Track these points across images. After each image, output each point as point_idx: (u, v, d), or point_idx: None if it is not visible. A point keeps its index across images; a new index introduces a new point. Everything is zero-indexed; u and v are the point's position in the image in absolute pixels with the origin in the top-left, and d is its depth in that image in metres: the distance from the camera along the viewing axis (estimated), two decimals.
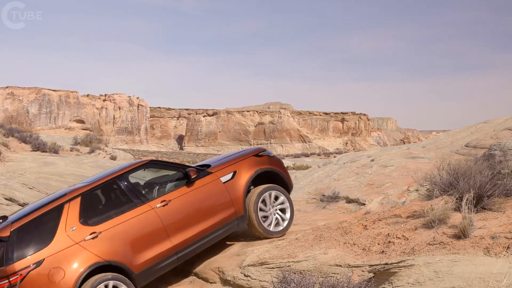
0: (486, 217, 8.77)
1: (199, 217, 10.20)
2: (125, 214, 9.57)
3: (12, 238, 8.75)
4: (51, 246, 8.88)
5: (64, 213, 9.19)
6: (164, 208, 9.85)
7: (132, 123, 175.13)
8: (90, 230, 9.20)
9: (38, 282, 8.64)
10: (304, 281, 7.26)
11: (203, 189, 10.38)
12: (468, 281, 6.80)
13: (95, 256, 9.01)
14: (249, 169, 10.95)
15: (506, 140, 12.46)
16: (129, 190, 9.88)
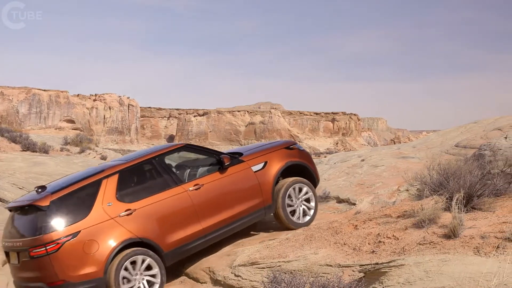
0: (476, 217, 8.80)
1: (229, 203, 10.53)
2: (159, 194, 9.93)
3: (51, 208, 9.16)
4: (88, 219, 9.29)
5: (102, 188, 9.59)
6: (196, 191, 10.20)
7: (122, 123, 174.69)
8: (125, 206, 9.61)
9: (73, 253, 9.06)
10: (294, 281, 7.25)
11: (235, 176, 10.69)
12: (458, 280, 6.81)
13: (128, 232, 9.44)
14: (279, 160, 11.20)
15: (496, 140, 12.51)
16: (164, 171, 10.25)
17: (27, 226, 9.48)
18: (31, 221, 9.36)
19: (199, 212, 10.17)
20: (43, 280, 9.13)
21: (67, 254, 9.03)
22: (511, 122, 14.76)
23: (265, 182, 10.93)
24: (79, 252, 9.11)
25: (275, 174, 11.07)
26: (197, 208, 10.15)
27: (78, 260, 9.10)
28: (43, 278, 9.12)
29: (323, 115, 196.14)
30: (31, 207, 9.38)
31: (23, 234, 9.40)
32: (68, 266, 9.04)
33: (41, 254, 8.99)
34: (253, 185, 10.84)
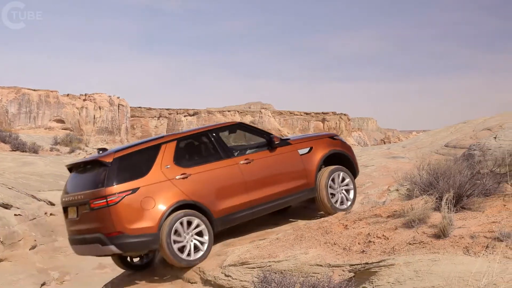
0: (465, 216, 8.83)
1: (276, 180, 11.13)
2: (212, 163, 10.69)
3: (114, 164, 9.95)
4: (147, 177, 10.06)
5: (161, 152, 10.39)
6: (247, 165, 10.89)
7: (112, 123, 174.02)
8: (181, 170, 10.36)
9: (131, 207, 9.79)
10: (284, 281, 7.26)
11: (283, 156, 11.33)
12: (448, 280, 6.83)
13: (183, 194, 10.15)
14: (324, 147, 11.80)
15: (485, 140, 12.56)
16: (218, 143, 10.98)
17: (89, 180, 10.21)
18: (93, 176, 10.12)
19: (248, 184, 10.79)
20: (101, 231, 9.82)
21: (125, 208, 9.75)
22: (500, 122, 14.81)
23: (309, 166, 11.48)
24: (137, 207, 9.82)
25: (320, 159, 11.63)
26: (246, 180, 10.79)
27: (135, 214, 9.79)
28: (101, 228, 9.81)
29: (313, 115, 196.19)
30: (95, 163, 10.20)
31: (85, 188, 10.13)
32: (126, 219, 9.73)
33: (101, 206, 9.72)
34: (299, 166, 11.42)
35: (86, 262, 21.21)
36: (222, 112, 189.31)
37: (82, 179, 10.51)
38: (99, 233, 9.85)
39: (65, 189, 10.82)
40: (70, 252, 21.79)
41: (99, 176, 9.95)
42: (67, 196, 10.52)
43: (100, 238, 9.87)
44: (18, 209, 21.54)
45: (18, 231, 20.70)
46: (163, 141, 10.61)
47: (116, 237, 9.75)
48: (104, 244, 9.87)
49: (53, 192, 23.67)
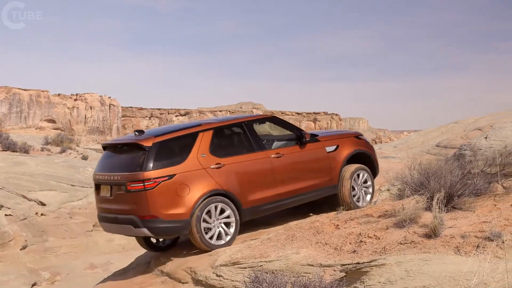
0: (456, 216, 8.85)
1: (303, 175, 11.43)
2: (245, 155, 10.93)
3: (153, 148, 10.12)
4: (184, 164, 10.27)
5: (198, 140, 10.59)
6: (277, 159, 11.14)
7: (103, 122, 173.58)
8: (216, 160, 10.57)
9: (167, 193, 10.01)
10: (276, 281, 7.26)
11: (311, 152, 11.64)
12: (439, 280, 6.85)
13: (216, 183, 10.38)
14: (349, 146, 12.14)
15: (476, 140, 12.59)
16: (251, 135, 11.22)
17: (126, 162, 10.42)
18: (131, 158, 10.32)
19: (277, 178, 11.05)
20: (135, 213, 10.04)
21: (161, 193, 9.96)
22: (491, 122, 14.86)
23: (335, 163, 11.80)
24: (172, 193, 10.05)
25: (345, 158, 11.96)
26: (276, 174, 11.05)
27: (170, 200, 10.03)
28: (135, 211, 10.04)
29: (304, 115, 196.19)
30: (133, 146, 10.36)
31: (122, 169, 10.34)
32: (161, 204, 9.96)
33: (138, 189, 9.94)
34: (325, 163, 11.72)
35: (77, 262, 21.21)
36: (214, 112, 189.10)
37: (118, 159, 10.77)
38: (133, 215, 10.09)
39: (99, 166, 11.06)
40: (61, 252, 21.81)
41: (137, 159, 10.18)
42: (101, 174, 10.75)
43: (133, 220, 10.11)
44: (9, 209, 21.51)
45: (8, 231, 20.67)
46: (201, 129, 10.80)
47: (150, 221, 10.01)
48: (137, 226, 10.11)
49: (44, 192, 23.65)
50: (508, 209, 8.79)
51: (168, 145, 10.38)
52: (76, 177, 25.58)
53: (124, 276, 11.32)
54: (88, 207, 23.77)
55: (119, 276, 11.50)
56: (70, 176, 25.53)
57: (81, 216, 23.43)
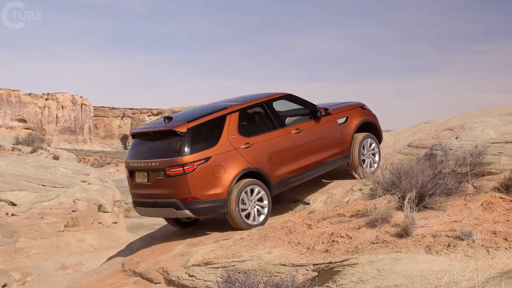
0: (427, 216, 8.91)
1: (320, 147, 12.14)
2: (269, 133, 11.54)
3: (188, 134, 10.65)
4: (217, 147, 10.84)
5: (227, 123, 11.13)
6: (297, 134, 11.80)
7: (75, 122, 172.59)
8: (245, 140, 11.17)
9: (205, 175, 10.60)
10: (248, 281, 7.26)
11: (326, 126, 12.32)
12: (410, 279, 6.90)
13: (247, 162, 11.02)
14: (357, 117, 12.88)
15: (447, 140, 12.69)
16: (272, 114, 11.78)
17: (163, 148, 10.93)
18: (167, 144, 10.84)
19: (298, 152, 11.72)
20: (177, 197, 10.61)
21: (200, 176, 10.55)
22: (462, 123, 14.97)
23: (346, 134, 12.53)
24: (209, 175, 10.64)
25: (354, 128, 12.69)
26: (297, 148, 11.72)
27: (208, 181, 10.62)
28: (177, 194, 10.61)
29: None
30: (168, 132, 10.86)
31: (159, 155, 10.84)
32: (200, 186, 10.55)
33: (177, 174, 10.50)
34: (338, 135, 12.43)
35: (48, 263, 21.05)
36: None
37: (153, 146, 11.26)
38: (174, 199, 10.64)
39: (131, 155, 11.49)
40: (31, 253, 21.62)
41: (174, 145, 10.70)
42: (136, 161, 11.19)
43: (175, 203, 10.65)
44: None
45: None
46: (228, 112, 11.28)
47: (191, 203, 10.60)
48: (178, 208, 10.68)
49: (14, 192, 23.40)
50: (478, 208, 8.87)
51: (201, 130, 10.89)
52: (47, 177, 25.34)
53: (96, 277, 11.26)
54: (59, 207, 23.59)
55: (91, 277, 11.43)
56: (41, 176, 25.29)
57: (52, 216, 23.23)
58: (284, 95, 12.29)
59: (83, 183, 26.07)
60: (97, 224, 25.08)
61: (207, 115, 11.14)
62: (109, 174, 66.16)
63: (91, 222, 24.76)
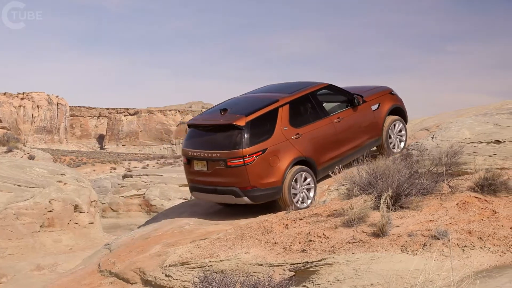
0: (403, 215, 8.96)
1: (357, 133, 13.00)
2: (315, 123, 12.27)
3: (247, 127, 11.37)
4: (272, 139, 11.57)
5: (279, 115, 11.82)
6: (339, 123, 12.61)
7: (51, 122, 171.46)
8: (295, 131, 11.90)
9: (262, 165, 11.37)
10: (225, 281, 7.26)
11: (362, 113, 13.15)
12: (386, 278, 6.93)
13: (298, 151, 11.77)
14: (388, 103, 13.75)
15: (423, 140, 12.75)
16: (317, 104, 12.57)
17: (223, 140, 11.60)
18: (228, 137, 11.51)
19: (339, 139, 12.55)
20: (237, 185, 11.40)
21: (258, 166, 11.33)
22: (438, 123, 15.06)
23: (378, 119, 13.40)
24: (266, 165, 11.41)
25: (385, 113, 13.57)
26: (338, 136, 12.54)
27: (265, 171, 11.40)
28: (237, 183, 11.39)
29: None
30: (228, 126, 11.50)
31: (219, 147, 11.53)
32: (258, 175, 11.33)
33: (238, 165, 11.27)
34: (372, 121, 13.29)
35: (23, 264, 20.86)
36: (163, 111, 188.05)
37: (212, 138, 11.93)
38: (234, 187, 11.42)
39: (189, 144, 12.22)
40: (6, 254, 21.42)
41: (234, 138, 11.41)
42: (194, 151, 11.92)
43: (235, 191, 11.44)
44: None
45: None
46: (279, 104, 11.92)
47: (250, 191, 11.39)
48: (238, 196, 11.48)
49: None
50: (453, 208, 8.94)
51: (257, 123, 11.58)
52: (23, 177, 25.12)
53: (72, 277, 11.18)
54: (35, 208, 23.39)
55: (67, 277, 11.36)
56: (17, 176, 25.06)
57: (27, 216, 23.02)
58: (326, 86, 12.99)
59: (59, 183, 25.86)
60: (73, 225, 24.89)
61: (261, 109, 11.77)
62: (85, 174, 65.92)
63: (67, 222, 24.57)
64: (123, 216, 40.57)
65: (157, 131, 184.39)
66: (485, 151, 11.56)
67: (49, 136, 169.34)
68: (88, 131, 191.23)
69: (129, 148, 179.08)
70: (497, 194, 9.36)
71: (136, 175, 45.85)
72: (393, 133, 13.76)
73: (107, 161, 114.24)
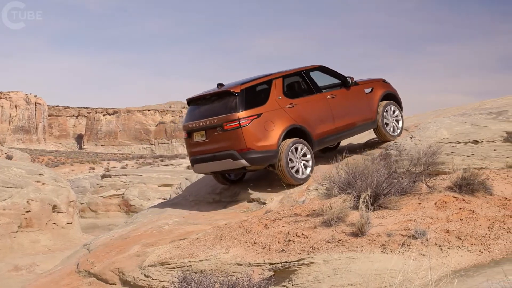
0: (382, 215, 8.99)
1: (352, 112, 13.71)
2: (309, 96, 13.14)
3: (241, 93, 12.17)
4: (266, 105, 12.34)
5: (273, 86, 12.69)
6: (332, 99, 13.42)
7: (29, 122, 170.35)
8: (289, 101, 12.71)
9: (257, 128, 12.06)
10: (204, 281, 7.24)
11: (355, 93, 13.93)
12: (365, 277, 6.95)
13: (292, 119, 12.52)
14: (381, 88, 14.56)
15: (402, 140, 12.80)
16: (310, 81, 13.39)
17: (219, 108, 12.30)
18: (224, 104, 12.26)
19: (334, 114, 13.28)
20: (234, 148, 12.02)
21: (253, 129, 12.01)
22: (416, 123, 15.15)
23: (372, 102, 14.15)
24: (261, 129, 12.11)
25: (379, 97, 14.33)
26: (332, 111, 13.28)
27: (260, 134, 12.07)
28: (233, 146, 12.02)
29: None
30: (224, 94, 12.31)
31: (216, 114, 12.22)
32: (254, 138, 11.99)
33: (234, 127, 11.94)
34: (365, 102, 14.03)
35: (1, 265, 20.71)
36: (142, 111, 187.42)
37: (209, 108, 12.57)
38: (231, 150, 12.04)
39: (189, 118, 12.93)
40: None
41: (230, 104, 12.13)
42: (194, 122, 12.65)
43: (232, 154, 12.05)
44: None
45: None
46: (273, 77, 12.82)
47: (246, 153, 11.99)
48: (235, 158, 12.05)
49: None
50: (432, 207, 8.99)
51: (252, 91, 12.39)
52: (0, 177, 24.95)
53: (50, 278, 11.12)
54: (12, 208, 23.24)
55: (45, 278, 11.29)
56: None
57: (5, 217, 22.86)
58: (318, 67, 13.77)
59: (37, 183, 25.70)
60: (51, 225, 24.75)
61: (256, 80, 12.67)
62: (63, 174, 65.54)
63: (45, 222, 24.42)
64: (102, 216, 40.44)
65: (136, 131, 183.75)
66: (463, 151, 11.63)
67: (27, 136, 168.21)
68: (67, 131, 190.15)
69: (108, 148, 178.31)
70: (475, 193, 9.42)
71: (115, 175, 45.69)
72: (389, 117, 14.45)
73: (86, 161, 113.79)
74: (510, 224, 8.14)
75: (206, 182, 15.32)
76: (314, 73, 13.70)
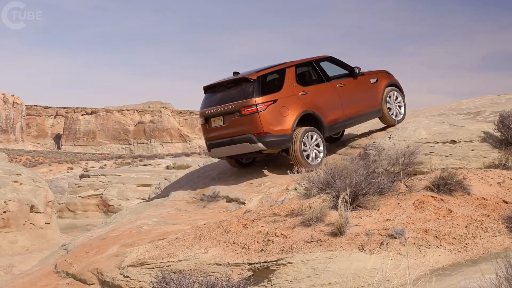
0: (361, 214, 9.02)
1: (359, 100, 14.48)
2: (319, 85, 13.95)
3: (258, 81, 12.88)
4: (281, 92, 13.09)
5: (287, 74, 13.43)
6: (341, 88, 14.20)
7: (6, 121, 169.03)
8: (302, 88, 13.47)
9: (273, 113, 12.79)
10: (183, 281, 7.23)
11: (362, 83, 14.68)
12: (344, 277, 6.98)
13: (305, 105, 13.28)
14: (385, 79, 15.34)
15: (380, 140, 12.88)
16: (321, 70, 14.16)
17: (237, 94, 13.00)
18: (241, 90, 12.97)
19: (343, 102, 14.02)
20: (251, 132, 12.72)
21: (269, 114, 12.73)
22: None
23: (377, 92, 14.93)
24: (277, 114, 12.83)
25: (384, 87, 15.11)
26: (342, 99, 14.03)
27: (276, 119, 12.80)
28: (251, 130, 12.73)
29: None
30: (241, 80, 13.03)
31: (234, 100, 12.93)
32: (270, 122, 12.71)
33: (251, 112, 12.64)
34: (371, 92, 14.82)
35: None
36: (121, 111, 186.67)
37: (226, 94, 13.25)
38: (249, 134, 12.72)
39: (206, 104, 13.55)
40: None
41: (247, 90, 12.83)
42: (211, 108, 13.31)
43: (250, 137, 12.73)
44: None
45: None
46: (286, 66, 13.53)
47: (263, 136, 12.68)
48: (253, 142, 12.75)
49: None
50: (410, 207, 9.03)
51: (267, 78, 13.20)
52: None
53: (28, 279, 11.05)
54: None
55: (23, 279, 11.22)
56: None
57: None
58: (327, 57, 14.52)
59: (14, 183, 25.55)
60: (29, 225, 24.63)
61: (271, 68, 13.40)
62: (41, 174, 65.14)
63: (23, 223, 24.29)
64: (81, 217, 40.26)
65: (115, 131, 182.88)
66: (441, 151, 11.72)
67: (5, 136, 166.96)
68: (45, 130, 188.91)
69: (86, 148, 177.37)
70: (453, 193, 9.47)
71: (94, 175, 45.51)
72: (392, 102, 15.24)
73: (64, 161, 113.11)
74: (487, 223, 8.21)
75: (185, 182, 15.30)
76: (323, 63, 14.34)
